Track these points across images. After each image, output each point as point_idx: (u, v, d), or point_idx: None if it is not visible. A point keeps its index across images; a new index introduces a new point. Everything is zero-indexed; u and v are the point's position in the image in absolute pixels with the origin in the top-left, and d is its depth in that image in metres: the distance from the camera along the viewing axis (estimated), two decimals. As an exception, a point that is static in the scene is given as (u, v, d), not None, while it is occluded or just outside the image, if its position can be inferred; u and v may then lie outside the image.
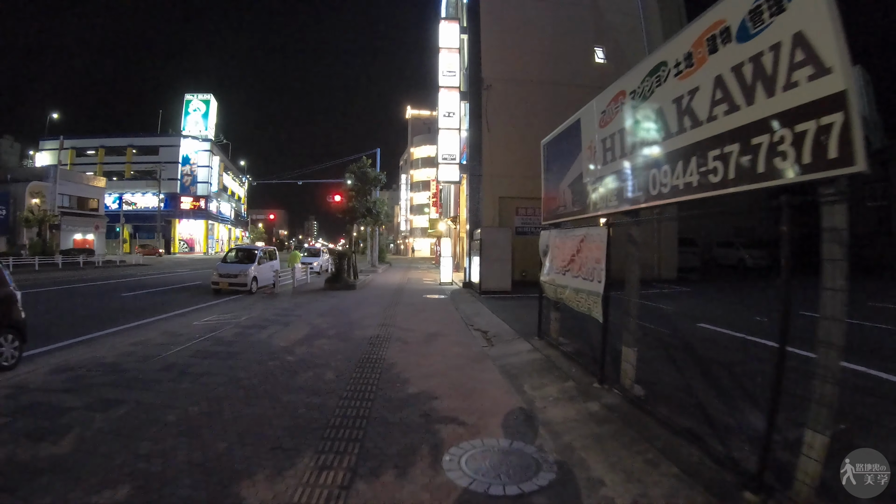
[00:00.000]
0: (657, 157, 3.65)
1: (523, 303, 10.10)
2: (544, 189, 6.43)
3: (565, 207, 5.54)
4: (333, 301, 10.68)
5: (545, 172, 6.43)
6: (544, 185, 6.45)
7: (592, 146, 4.82)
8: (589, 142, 4.92)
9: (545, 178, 6.42)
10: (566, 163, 5.58)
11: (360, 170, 14.29)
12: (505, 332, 6.95)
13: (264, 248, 15.59)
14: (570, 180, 5.42)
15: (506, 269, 11.53)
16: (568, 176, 5.48)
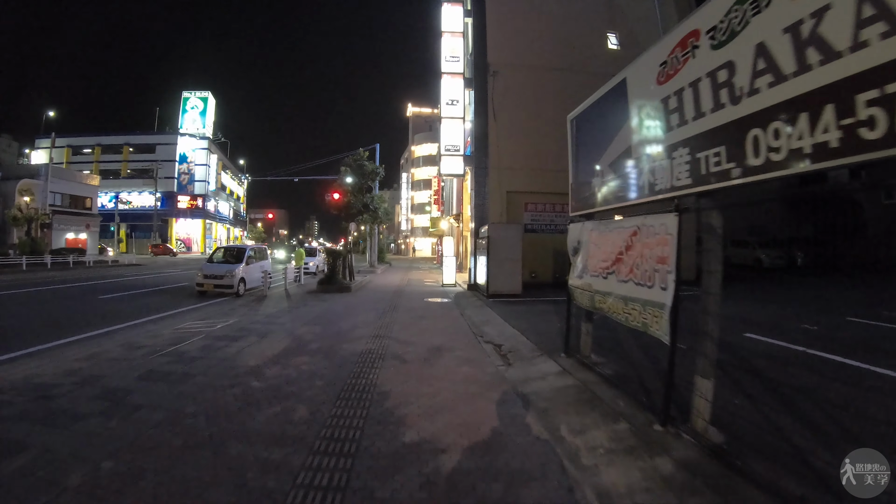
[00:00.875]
0: (767, 109, 2.52)
1: (537, 308, 8.97)
2: (572, 174, 5.30)
3: (607, 192, 4.40)
4: (324, 306, 9.55)
5: (574, 153, 5.31)
6: (572, 168, 5.32)
7: (646, 111, 3.69)
8: (640, 106, 3.79)
9: (574, 161, 5.29)
10: (605, 138, 4.45)
11: (357, 163, 13.18)
12: (522, 345, 5.81)
13: (253, 246, 14.49)
14: (611, 158, 4.29)
15: (516, 270, 10.40)
16: (608, 153, 4.35)
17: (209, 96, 58.14)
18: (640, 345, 5.52)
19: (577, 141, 5.19)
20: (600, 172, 4.52)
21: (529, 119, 13.79)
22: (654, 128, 3.60)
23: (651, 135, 3.66)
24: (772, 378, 4.36)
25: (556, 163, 14.76)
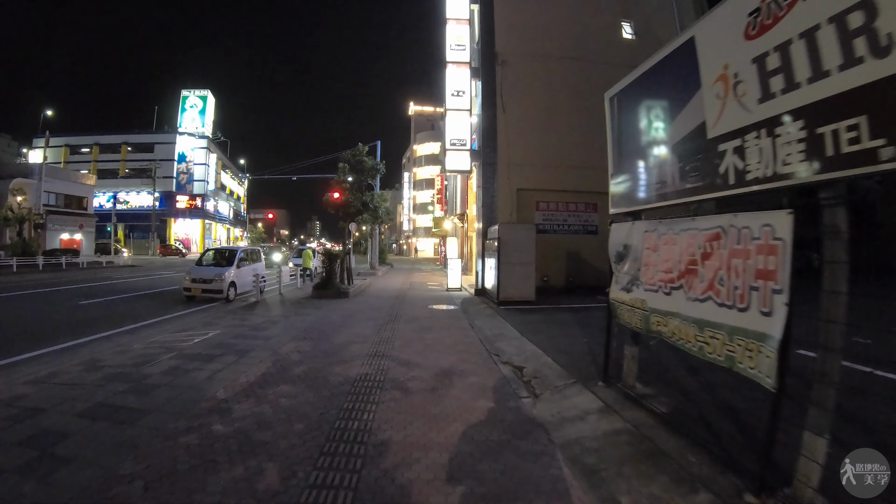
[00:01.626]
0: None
1: (555, 319, 8.04)
2: (613, 162, 4.38)
3: (665, 184, 3.48)
4: (318, 314, 8.65)
5: (615, 138, 4.38)
6: (613, 156, 4.39)
7: (730, 75, 2.77)
8: (719, 70, 2.87)
9: (615, 147, 4.37)
10: (661, 116, 3.54)
11: (356, 158, 12.28)
12: (548, 369, 4.88)
13: (245, 248, 13.61)
14: (672, 140, 3.37)
15: (529, 275, 9.49)
16: (668, 134, 3.43)
17: (208, 95, 57.48)
18: (687, 366, 4.60)
19: (620, 123, 4.26)
20: (655, 159, 3.61)
21: (540, 112, 12.88)
22: (741, 96, 2.68)
23: (736, 107, 2.74)
24: (863, 414, 3.43)
25: (570, 158, 13.93)
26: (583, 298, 10.68)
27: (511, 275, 9.30)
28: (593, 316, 8.32)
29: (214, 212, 58.47)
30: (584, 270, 12.90)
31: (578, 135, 13.30)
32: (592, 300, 10.51)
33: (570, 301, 10.18)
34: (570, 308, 9.17)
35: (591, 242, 13.20)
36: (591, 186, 13.30)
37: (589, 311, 8.83)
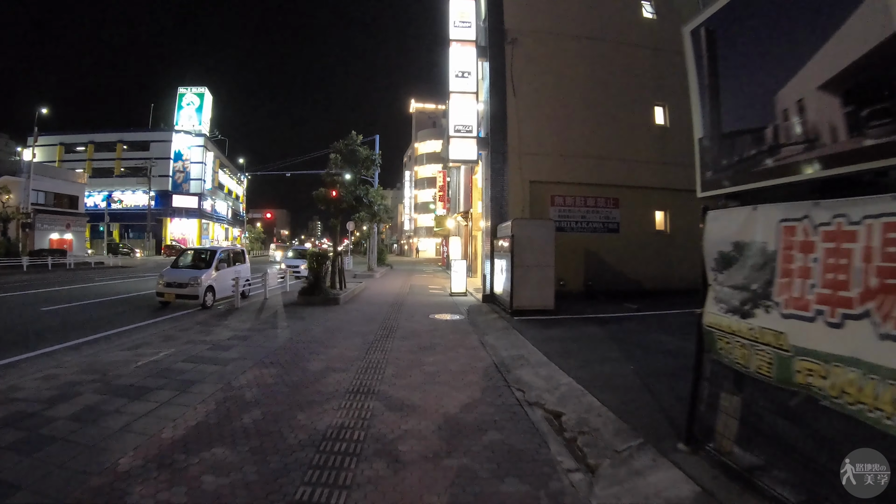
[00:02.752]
0: None
1: (584, 333, 6.66)
2: (704, 121, 3.01)
3: (816, 143, 2.10)
4: (298, 327, 7.29)
5: (706, 85, 3.00)
6: (702, 112, 3.02)
7: None
8: None
9: (707, 99, 2.99)
10: (811, 30, 2.16)
11: (349, 148, 10.93)
12: (596, 415, 3.51)
13: (227, 248, 12.29)
14: (836, 65, 1.99)
15: (547, 280, 8.12)
16: (827, 59, 2.05)
17: (205, 92, 56.35)
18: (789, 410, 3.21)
19: (714, 64, 2.88)
20: (796, 103, 2.23)
21: (555, 96, 11.52)
22: None
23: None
24: None
25: (588, 148, 11.97)
26: (606, 306, 9.31)
27: (526, 279, 7.94)
28: (628, 330, 6.95)
29: (212, 211, 57.38)
30: (605, 273, 11.54)
31: (597, 122, 11.95)
32: (618, 308, 9.14)
33: (593, 309, 8.81)
34: (597, 319, 7.80)
35: (612, 242, 11.84)
36: (611, 179, 11.96)
37: (620, 324, 7.46)
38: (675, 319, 7.97)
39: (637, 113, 12.75)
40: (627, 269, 12.02)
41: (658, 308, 9.14)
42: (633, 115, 12.62)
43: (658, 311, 8.97)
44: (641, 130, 12.72)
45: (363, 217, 19.87)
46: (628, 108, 12.57)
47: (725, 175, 2.83)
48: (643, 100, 12.93)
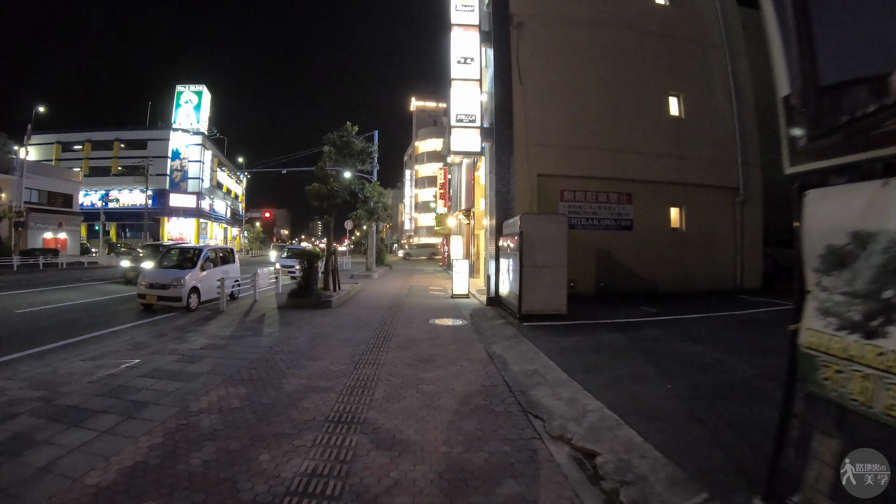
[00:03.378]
0: None
1: (603, 342, 5.89)
2: (797, 75, 2.23)
3: None
4: (281, 334, 6.54)
5: (791, 26, 2.23)
6: (791, 62, 2.25)
7: None
8: None
9: (798, 42, 2.22)
10: None
11: (342, 140, 10.19)
12: (639, 456, 2.74)
13: (214, 247, 11.57)
14: None
15: (559, 281, 7.36)
16: None
17: (204, 90, 55.72)
18: None
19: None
20: None
21: (564, 84, 10.76)
22: None
23: None
24: None
25: (600, 140, 10.95)
26: (622, 310, 8.55)
27: (536, 281, 7.18)
28: (652, 338, 6.18)
29: (210, 210, 56.75)
30: (618, 274, 10.77)
31: (609, 112, 11.18)
32: (635, 312, 8.37)
33: (608, 314, 8.05)
34: (615, 325, 7.04)
35: (625, 240, 11.07)
36: (625, 173, 11.20)
37: (642, 331, 6.69)
38: (701, 326, 7.22)
39: (650, 103, 12.00)
40: (641, 269, 11.26)
41: (678, 312, 8.38)
42: (646, 105, 11.87)
43: (679, 315, 8.22)
44: (655, 122, 11.98)
45: (361, 215, 19.17)
46: (641, 97, 11.82)
47: (829, 142, 2.07)
48: (656, 89, 12.19)
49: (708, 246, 12.53)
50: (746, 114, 13.46)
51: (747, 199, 13.06)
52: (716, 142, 12.81)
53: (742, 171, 13.08)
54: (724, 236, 12.83)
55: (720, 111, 13.21)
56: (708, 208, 12.67)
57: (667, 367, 4.61)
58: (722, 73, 13.33)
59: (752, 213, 13.23)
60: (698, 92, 13.00)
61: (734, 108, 13.33)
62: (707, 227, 12.59)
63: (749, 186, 13.13)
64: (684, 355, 5.25)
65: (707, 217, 12.67)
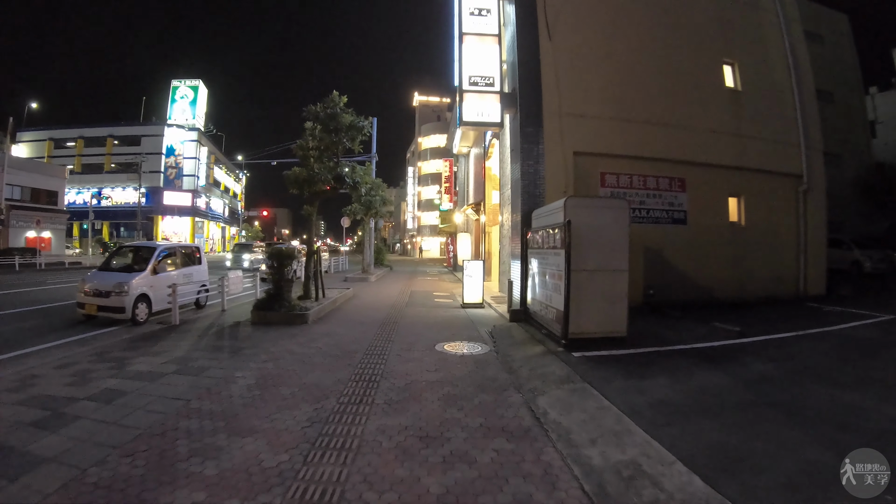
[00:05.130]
0: None
1: (712, 389, 3.70)
2: None
3: None
4: (220, 372, 4.44)
5: None
6: None
7: None
8: None
9: None
10: None
11: (328, 111, 8.11)
12: None
13: (171, 246, 9.55)
14: None
15: (618, 291, 5.24)
16: None
17: (200, 85, 54.03)
18: None
19: None
20: None
21: (602, 41, 8.63)
22: None
23: None
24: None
25: (647, 110, 8.42)
26: (688, 326, 6.45)
27: (588, 291, 5.06)
28: (764, 375, 4.09)
29: (206, 209, 55.06)
30: (669, 279, 8.64)
31: (656, 78, 9.02)
32: (709, 330, 6.24)
33: (675, 333, 5.95)
34: (699, 353, 4.94)
35: (677, 237, 8.93)
36: (676, 153, 9.04)
37: (739, 361, 4.59)
38: (806, 351, 5.18)
39: (703, 70, 9.86)
40: (696, 273, 9.13)
41: (763, 330, 6.26)
42: (698, 72, 9.73)
43: (767, 335, 6.10)
44: (709, 93, 9.84)
45: (356, 210, 17.08)
46: (693, 63, 9.68)
47: None
48: (709, 54, 10.06)
49: (769, 244, 10.40)
50: (806, 89, 11.33)
51: (811, 188, 10.91)
52: (775, 120, 10.69)
53: (805, 156, 10.94)
54: (785, 233, 10.70)
55: (778, 84, 11.07)
56: (768, 199, 10.52)
57: (845, 441, 2.48)
58: (777, 41, 11.22)
59: (816, 204, 11.07)
60: (754, 61, 10.86)
61: (793, 82, 11.19)
62: (767, 222, 10.45)
63: (813, 174, 10.99)
64: (841, 410, 3.17)
65: (767, 209, 10.53)
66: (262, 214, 58.04)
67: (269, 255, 6.99)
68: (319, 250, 8.70)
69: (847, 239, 18.01)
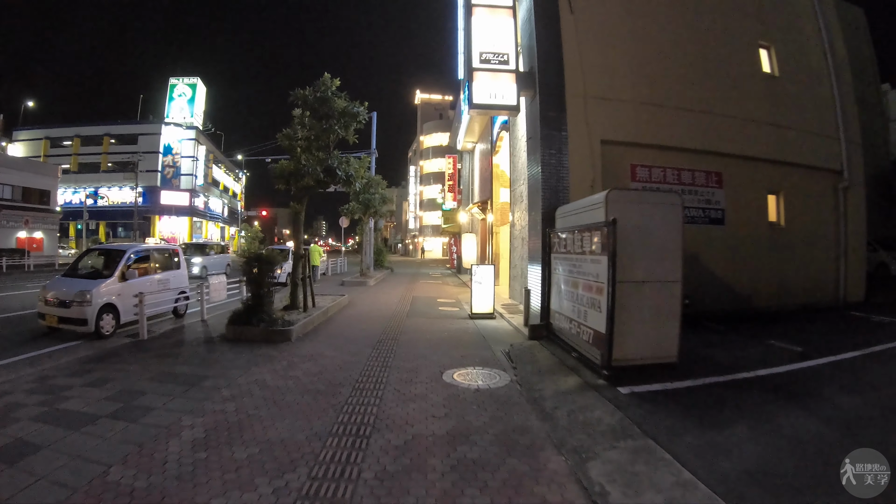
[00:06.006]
0: None
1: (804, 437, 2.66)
2: None
3: None
4: (166, 417, 3.43)
5: None
6: None
7: None
8: None
9: None
10: None
11: (318, 95, 7.10)
12: None
13: (148, 247, 8.60)
14: None
15: (670, 306, 4.21)
16: None
17: (198, 82, 53.16)
18: None
19: None
20: None
21: (629, 16, 7.59)
22: None
23: None
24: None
25: (679, 94, 7.20)
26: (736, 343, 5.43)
27: (634, 307, 4.04)
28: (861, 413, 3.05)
29: (205, 209, 54.18)
30: (706, 286, 7.61)
31: (689, 59, 8.00)
32: (764, 349, 5.22)
33: (730, 355, 4.93)
34: (768, 383, 3.93)
35: (715, 238, 7.89)
36: (713, 143, 8.00)
37: (822, 395, 3.61)
38: (892, 378, 4.18)
39: (737, 53, 8.84)
40: (735, 279, 8.10)
41: (826, 349, 5.26)
42: (732, 54, 8.71)
43: (832, 354, 5.09)
44: (745, 78, 8.81)
45: (354, 208, 16.09)
46: (727, 44, 8.67)
47: None
48: (744, 35, 9.04)
49: (807, 247, 9.37)
50: (843, 78, 10.31)
51: (852, 184, 9.88)
52: (813, 109, 9.69)
53: (845, 149, 9.90)
54: (824, 233, 9.67)
55: (815, 71, 10.04)
56: (807, 196, 9.50)
57: None
58: (812, 24, 10.22)
59: (855, 203, 10.03)
60: (791, 45, 9.83)
61: (830, 68, 10.16)
62: (806, 222, 9.42)
63: (853, 169, 9.96)
64: None
65: (807, 208, 9.50)
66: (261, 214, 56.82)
67: (247, 260, 5.97)
68: (308, 253, 7.68)
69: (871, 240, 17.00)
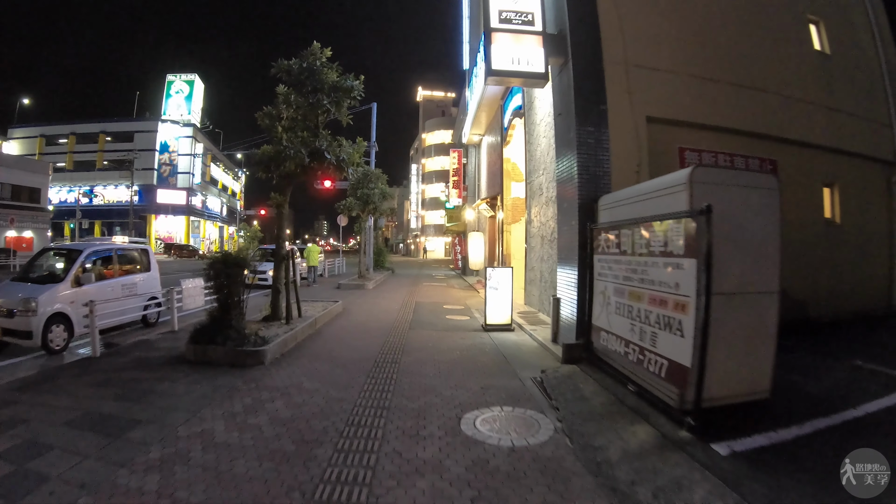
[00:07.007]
0: None
1: None
2: None
3: None
4: (71, 484, 2.32)
5: None
6: None
7: None
8: None
9: None
10: None
11: (306, 66, 5.98)
12: None
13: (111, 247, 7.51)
14: None
15: (765, 328, 3.09)
16: None
17: (196, 79, 52.15)
18: None
19: None
20: None
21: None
22: None
23: None
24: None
25: (731, 68, 5.87)
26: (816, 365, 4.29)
27: (724, 327, 2.92)
28: None
29: (202, 208, 53.14)
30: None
31: (739, 28, 6.87)
32: (855, 373, 4.06)
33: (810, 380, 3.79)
34: (884, 424, 2.79)
35: (770, 235, 6.75)
36: (766, 125, 6.82)
37: None
38: None
39: (786, 27, 7.71)
40: (789, 283, 6.92)
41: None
42: (781, 28, 7.57)
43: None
44: (796, 55, 7.68)
45: (352, 204, 14.97)
46: (777, 17, 7.54)
47: None
48: (792, 6, 7.91)
49: (862, 246, 8.25)
50: (891, 57, 9.20)
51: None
52: (864, 92, 8.57)
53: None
54: (877, 231, 8.55)
55: (864, 48, 8.92)
56: (861, 189, 8.38)
57: None
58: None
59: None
60: (839, 20, 8.70)
61: (878, 46, 9.05)
62: (860, 218, 8.30)
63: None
64: None
65: (860, 203, 8.38)
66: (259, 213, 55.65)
67: (211, 263, 4.83)
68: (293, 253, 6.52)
69: None
